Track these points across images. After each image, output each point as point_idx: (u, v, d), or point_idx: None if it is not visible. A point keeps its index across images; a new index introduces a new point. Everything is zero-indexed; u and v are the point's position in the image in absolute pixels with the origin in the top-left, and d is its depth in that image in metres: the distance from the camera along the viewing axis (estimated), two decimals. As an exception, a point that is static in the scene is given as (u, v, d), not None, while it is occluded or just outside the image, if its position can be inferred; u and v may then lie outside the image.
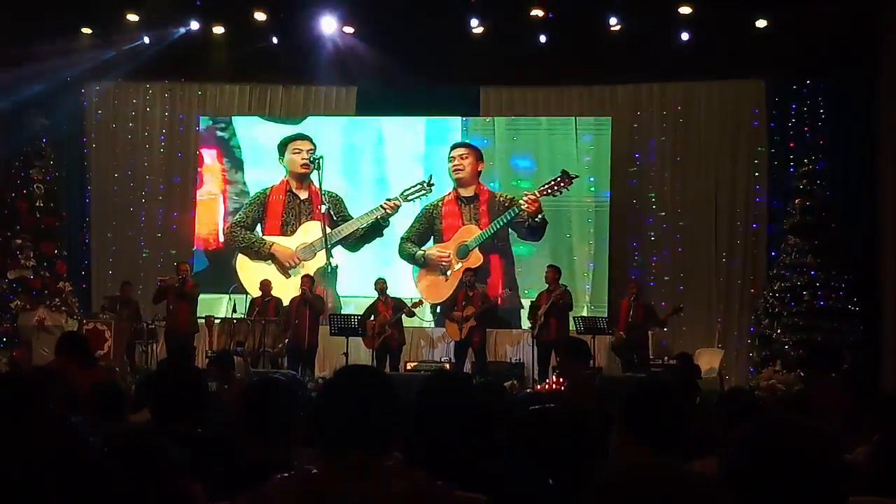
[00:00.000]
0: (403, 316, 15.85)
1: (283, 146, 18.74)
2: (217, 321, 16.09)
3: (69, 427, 2.37)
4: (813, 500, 2.34)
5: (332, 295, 18.23)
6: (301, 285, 15.91)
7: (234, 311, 15.94)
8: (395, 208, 18.31)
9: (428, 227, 18.55)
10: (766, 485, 2.32)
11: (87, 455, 2.32)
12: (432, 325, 17.63)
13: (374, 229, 18.57)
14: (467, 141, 18.58)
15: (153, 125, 18.70)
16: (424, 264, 18.31)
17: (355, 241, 18.66)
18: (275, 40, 17.48)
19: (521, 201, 17.72)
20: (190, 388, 4.61)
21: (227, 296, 16.80)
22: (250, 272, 18.18)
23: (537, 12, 16.51)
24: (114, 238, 18.52)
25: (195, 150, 18.40)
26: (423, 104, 18.12)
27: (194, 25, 17.38)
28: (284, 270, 18.36)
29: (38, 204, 16.73)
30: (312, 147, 18.62)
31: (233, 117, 18.91)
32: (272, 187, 18.84)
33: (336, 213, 18.57)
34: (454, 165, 18.43)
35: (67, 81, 17.77)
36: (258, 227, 18.79)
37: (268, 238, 18.76)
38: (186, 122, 18.62)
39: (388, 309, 15.68)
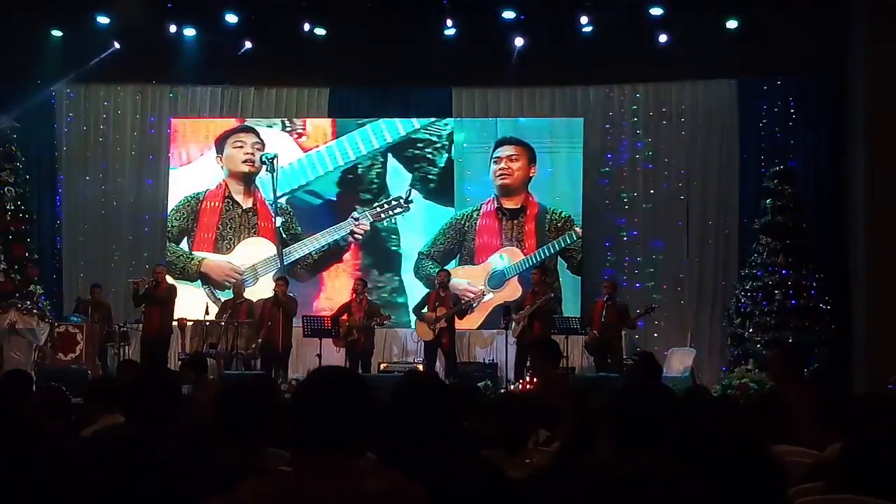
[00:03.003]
0: (374, 324, 15.67)
1: (221, 140, 17.54)
2: (189, 323, 16.01)
3: (44, 432, 2.36)
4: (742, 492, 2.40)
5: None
6: (274, 287, 15.81)
7: (207, 313, 15.86)
8: (364, 230, 17.05)
9: (456, 242, 16.94)
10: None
11: (62, 459, 2.32)
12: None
13: (333, 252, 17.20)
14: (516, 136, 17.08)
15: (124, 127, 18.54)
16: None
17: (307, 268, 17.16)
18: (247, 43, 17.39)
19: (578, 229, 16.70)
20: (163, 390, 4.60)
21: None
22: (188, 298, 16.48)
23: (509, 14, 16.54)
24: (85, 241, 18.38)
25: (166, 153, 18.22)
26: (394, 106, 18.02)
27: (167, 28, 17.28)
28: (221, 289, 16.57)
29: (8, 207, 16.65)
30: (259, 141, 17.46)
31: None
32: (207, 192, 17.53)
33: (285, 230, 17.16)
34: (500, 169, 16.86)
35: (38, 84, 17.68)
36: (185, 241, 17.48)
37: (197, 253, 17.34)
38: (158, 125, 18.50)
39: (360, 311, 15.58)
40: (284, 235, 17.19)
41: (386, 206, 17.11)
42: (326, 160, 17.50)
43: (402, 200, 16.97)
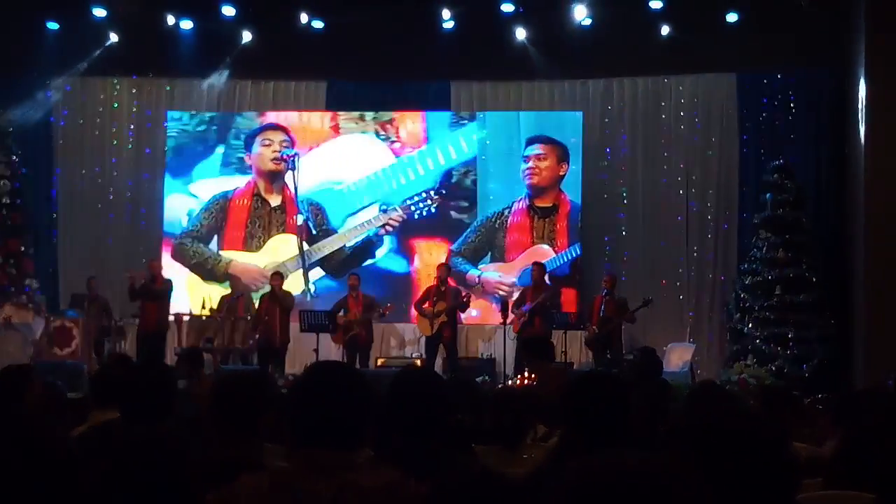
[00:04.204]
0: (373, 317, 15.63)
1: (251, 137, 17.58)
2: (186, 318, 15.98)
3: (42, 427, 2.32)
4: (761, 486, 2.37)
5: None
6: (271, 282, 15.78)
7: (204, 307, 15.83)
8: (396, 223, 17.03)
9: (486, 240, 16.97)
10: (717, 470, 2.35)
11: (60, 454, 2.28)
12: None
13: (365, 249, 17.10)
14: (546, 135, 17.06)
15: (121, 121, 18.52)
16: (477, 289, 16.31)
17: (338, 264, 16.97)
18: (244, 35, 17.34)
19: None
20: (159, 385, 4.56)
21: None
22: (201, 295, 16.38)
23: (508, 6, 16.52)
24: (81, 235, 18.35)
25: (163, 146, 18.16)
26: (392, 99, 18.00)
27: (163, 20, 17.22)
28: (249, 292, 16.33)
29: (4, 200, 16.61)
30: (287, 140, 17.49)
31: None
32: (235, 190, 17.47)
33: (316, 226, 17.09)
34: (528, 168, 16.91)
35: (33, 76, 17.65)
36: (214, 240, 17.40)
37: (225, 254, 17.26)
38: (154, 118, 18.45)
39: (357, 305, 15.55)
40: (315, 231, 17.10)
41: (416, 198, 17.04)
42: (418, 166, 17.42)
43: (431, 193, 16.93)
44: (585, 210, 17.14)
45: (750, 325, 15.46)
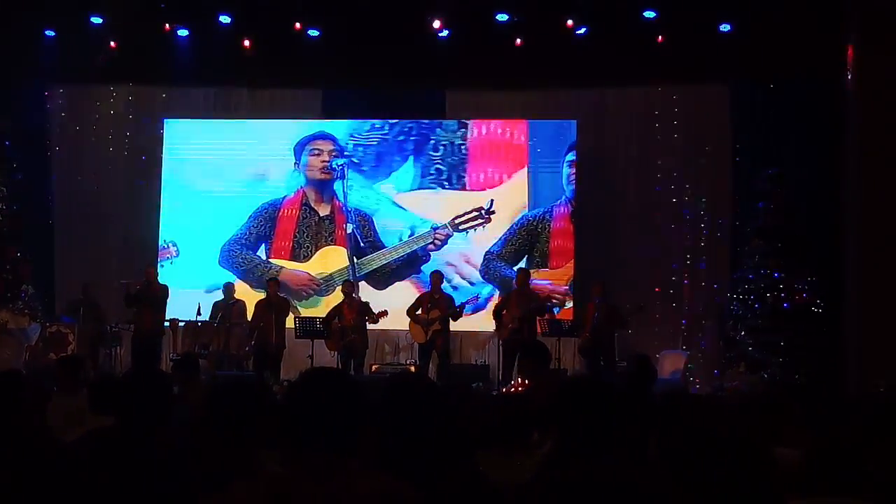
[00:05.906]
0: (367, 322, 15.65)
1: (299, 146, 17.56)
2: (181, 324, 15.99)
3: (38, 431, 2.37)
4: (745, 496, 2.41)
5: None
6: (267, 288, 15.79)
7: (199, 314, 15.82)
8: (444, 239, 17.02)
9: (527, 244, 17.02)
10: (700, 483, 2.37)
11: (55, 459, 2.32)
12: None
13: (411, 263, 17.10)
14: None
15: (117, 128, 18.50)
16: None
17: (385, 276, 16.94)
18: (245, 43, 17.35)
19: None
20: (154, 391, 4.58)
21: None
22: (248, 303, 16.18)
23: (503, 16, 16.54)
24: (78, 241, 18.32)
25: (159, 153, 18.16)
26: (388, 107, 17.99)
27: (160, 28, 17.22)
28: (297, 299, 16.55)
29: (0, 207, 16.61)
30: (335, 149, 17.47)
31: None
32: (285, 199, 17.50)
33: (363, 238, 17.08)
34: (572, 173, 17.09)
35: (30, 83, 17.64)
36: (262, 248, 17.45)
37: (275, 261, 17.28)
38: (150, 125, 18.45)
39: (352, 312, 15.56)
40: (362, 243, 17.09)
41: (466, 216, 17.10)
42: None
43: (483, 211, 17.00)
44: (578, 218, 17.16)
45: (742, 333, 15.47)
